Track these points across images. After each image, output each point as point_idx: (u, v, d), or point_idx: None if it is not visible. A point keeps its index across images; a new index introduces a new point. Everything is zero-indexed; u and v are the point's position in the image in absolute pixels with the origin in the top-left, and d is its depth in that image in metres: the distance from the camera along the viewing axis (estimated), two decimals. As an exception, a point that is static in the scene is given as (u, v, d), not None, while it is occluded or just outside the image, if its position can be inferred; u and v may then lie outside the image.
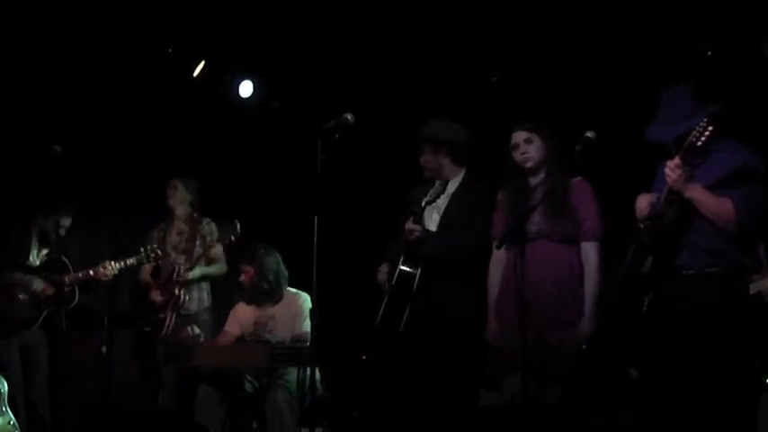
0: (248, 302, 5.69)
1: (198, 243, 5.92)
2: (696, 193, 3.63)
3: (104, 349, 5.39)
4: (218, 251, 6.00)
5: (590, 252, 4.30)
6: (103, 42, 6.06)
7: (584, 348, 4.20)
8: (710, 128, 3.50)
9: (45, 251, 5.73)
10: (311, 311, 4.35)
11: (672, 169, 3.61)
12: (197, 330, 5.66)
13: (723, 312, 3.61)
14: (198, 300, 5.98)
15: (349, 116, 4.30)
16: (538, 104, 5.36)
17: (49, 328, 5.62)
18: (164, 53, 6.33)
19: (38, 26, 5.84)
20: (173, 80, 6.45)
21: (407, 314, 4.64)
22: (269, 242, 5.76)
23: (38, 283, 5.57)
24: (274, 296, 5.62)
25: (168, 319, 5.74)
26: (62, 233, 5.71)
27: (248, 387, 5.39)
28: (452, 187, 4.83)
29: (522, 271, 3.90)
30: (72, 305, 5.62)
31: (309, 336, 4.64)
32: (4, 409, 5.00)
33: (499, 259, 4.49)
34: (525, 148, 4.42)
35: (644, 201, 3.82)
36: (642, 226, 3.77)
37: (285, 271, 5.67)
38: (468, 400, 4.58)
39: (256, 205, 6.40)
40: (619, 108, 5.19)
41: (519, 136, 4.44)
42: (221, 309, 6.01)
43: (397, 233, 4.77)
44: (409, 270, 4.66)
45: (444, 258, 4.62)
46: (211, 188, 6.34)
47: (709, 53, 5.25)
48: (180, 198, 6.07)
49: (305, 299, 5.47)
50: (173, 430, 4.97)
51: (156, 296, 5.85)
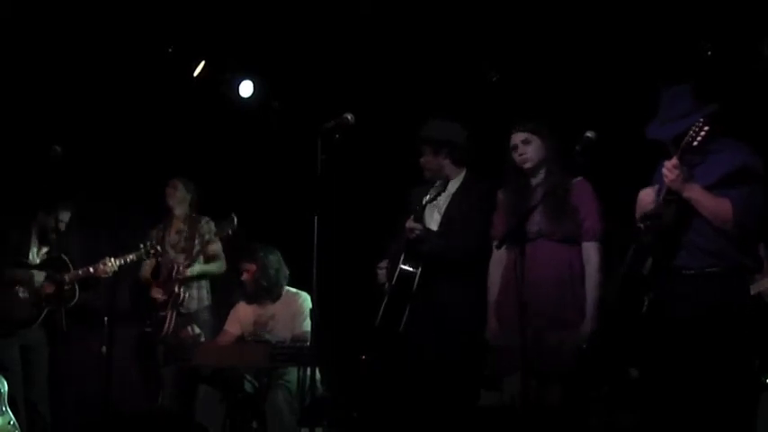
0: (249, 302, 5.69)
1: (197, 241, 5.94)
2: (694, 193, 3.63)
3: (104, 349, 5.39)
4: (216, 248, 6.02)
5: (591, 252, 4.30)
6: (103, 42, 6.06)
7: (584, 348, 4.20)
8: (706, 127, 3.50)
9: (45, 249, 5.74)
10: (311, 311, 4.36)
11: (669, 169, 3.61)
12: (197, 330, 5.67)
13: (723, 312, 3.61)
14: (198, 298, 6.00)
15: (349, 116, 4.30)
16: (538, 104, 5.36)
17: (50, 328, 5.63)
18: (164, 53, 6.33)
19: (38, 26, 5.84)
20: (173, 80, 6.45)
21: (407, 314, 4.65)
22: (269, 242, 5.76)
23: (38, 282, 5.58)
24: (273, 293, 5.62)
25: (169, 318, 5.76)
26: (62, 228, 5.71)
27: (248, 387, 5.39)
28: (453, 187, 4.83)
29: (523, 271, 3.90)
30: (72, 303, 5.63)
31: (309, 335, 4.64)
32: (4, 409, 5.00)
33: (499, 259, 4.49)
34: (523, 149, 4.42)
35: (647, 195, 3.82)
36: (642, 226, 3.77)
37: (286, 270, 5.68)
38: (468, 400, 4.59)
39: (257, 205, 6.40)
40: (619, 108, 5.18)
41: (517, 137, 4.45)
42: (221, 308, 6.01)
43: (398, 233, 4.78)
44: (409, 269, 4.67)
45: (445, 258, 4.62)
46: (212, 188, 6.35)
47: (709, 53, 5.25)
48: (179, 198, 6.09)
49: (305, 298, 5.47)
50: (173, 430, 4.97)
51: (157, 294, 5.87)
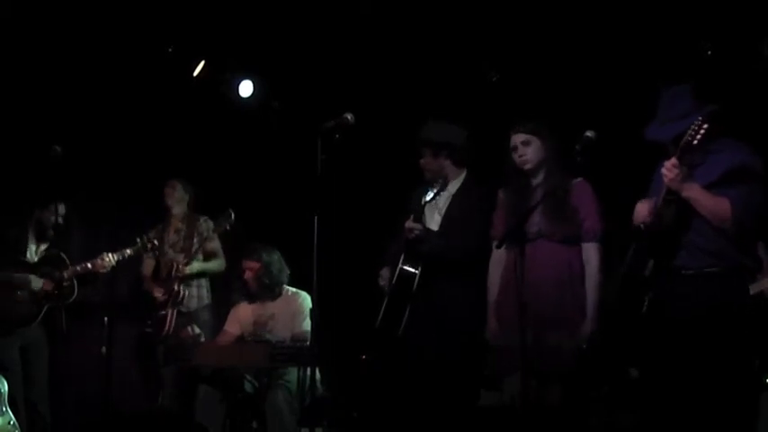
0: (249, 301, 5.69)
1: (195, 240, 5.95)
2: (693, 192, 3.62)
3: (104, 349, 5.39)
4: (215, 246, 6.04)
5: (591, 253, 4.30)
6: (103, 42, 6.06)
7: (584, 348, 4.20)
8: (705, 126, 3.49)
9: (43, 247, 5.75)
10: (311, 311, 4.36)
11: (669, 169, 3.61)
12: (197, 330, 5.67)
13: (723, 312, 3.61)
14: (198, 297, 6.02)
15: (349, 116, 4.30)
16: (538, 104, 5.36)
17: (49, 327, 5.64)
18: (164, 53, 6.33)
19: (38, 26, 5.84)
20: (173, 80, 6.44)
21: (408, 315, 4.65)
22: (269, 242, 5.76)
23: (36, 280, 5.58)
24: (274, 291, 5.62)
25: (169, 317, 5.76)
26: (60, 222, 5.72)
27: (248, 387, 5.39)
28: (453, 188, 4.83)
29: (522, 271, 3.90)
30: (71, 299, 5.64)
31: (309, 335, 4.64)
32: (5, 409, 5.00)
33: (499, 259, 4.49)
34: (523, 151, 4.42)
35: (644, 207, 3.82)
36: (642, 226, 3.77)
37: (287, 269, 5.68)
38: (468, 400, 4.59)
39: (257, 205, 6.40)
40: (619, 108, 5.18)
41: (517, 138, 4.44)
42: (221, 307, 6.02)
43: (398, 233, 4.78)
44: (410, 270, 4.67)
45: (444, 258, 4.62)
46: (212, 188, 6.35)
47: (709, 53, 5.25)
48: (177, 198, 6.12)
49: (304, 298, 5.47)
50: (173, 430, 4.97)
51: (157, 294, 5.88)
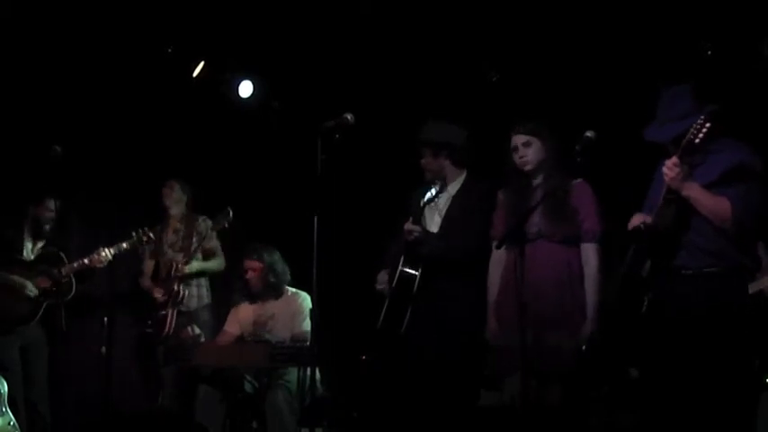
0: (250, 301, 5.69)
1: (194, 239, 5.95)
2: (693, 192, 3.63)
3: (104, 349, 5.39)
4: (214, 245, 6.04)
5: (590, 253, 4.30)
6: (103, 42, 6.06)
7: (583, 349, 4.20)
8: (708, 124, 3.50)
9: (40, 244, 5.75)
10: (311, 311, 4.36)
11: (669, 167, 3.61)
12: (197, 330, 5.67)
13: (723, 312, 3.61)
14: (198, 296, 6.02)
15: (349, 116, 4.30)
16: (538, 104, 5.36)
17: (49, 327, 5.64)
18: (164, 53, 6.33)
19: (38, 26, 5.84)
20: (172, 80, 6.44)
21: (409, 316, 4.65)
22: (269, 241, 5.76)
23: (31, 287, 5.57)
24: (278, 290, 5.62)
25: (169, 317, 5.76)
26: (54, 216, 5.72)
27: (248, 387, 5.39)
28: (453, 188, 4.83)
29: (522, 271, 3.90)
30: (70, 296, 5.65)
31: (309, 335, 4.64)
32: (4, 410, 5.00)
33: (499, 259, 4.49)
34: (524, 152, 4.42)
35: (637, 220, 3.82)
36: (642, 226, 3.77)
37: (287, 268, 5.68)
38: (468, 400, 4.59)
39: (257, 205, 6.40)
40: (619, 108, 5.18)
41: (518, 139, 4.44)
42: (221, 308, 6.01)
43: (397, 234, 4.78)
44: (410, 272, 4.67)
45: (444, 259, 4.62)
46: (211, 188, 6.35)
47: (709, 53, 5.25)
48: (175, 199, 6.12)
49: (304, 298, 5.47)
50: (173, 430, 4.97)
51: (157, 294, 5.87)
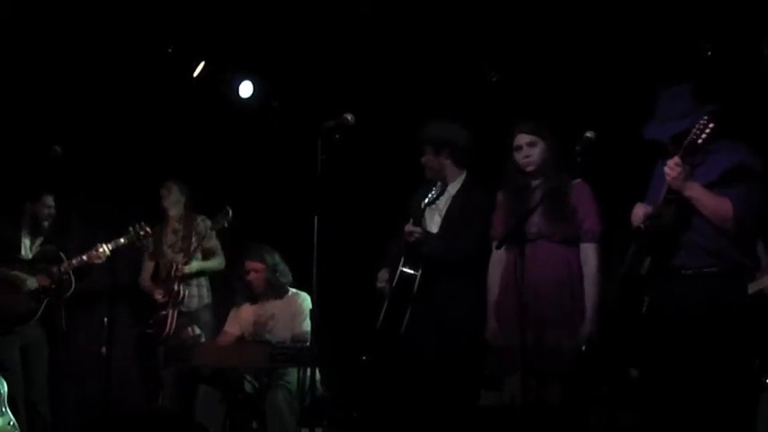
0: (251, 302, 5.68)
1: (193, 239, 5.96)
2: (695, 192, 3.63)
3: (104, 349, 5.39)
4: (214, 244, 6.05)
5: (589, 253, 4.30)
6: (103, 42, 6.06)
7: (583, 349, 4.20)
8: (711, 125, 3.50)
9: (38, 242, 5.76)
10: (311, 311, 4.36)
11: (671, 167, 3.61)
12: (197, 331, 5.66)
13: (722, 312, 3.61)
14: (198, 296, 6.03)
15: (349, 116, 4.30)
16: (538, 105, 5.35)
17: (49, 327, 5.64)
18: (164, 53, 6.33)
19: (38, 26, 5.84)
20: (173, 80, 6.44)
21: (408, 316, 4.65)
22: (269, 241, 5.75)
23: (31, 280, 5.58)
24: (281, 290, 5.61)
25: (170, 317, 5.76)
26: (52, 213, 5.72)
27: (248, 387, 5.39)
28: (453, 189, 4.83)
29: (522, 272, 3.90)
30: (69, 293, 5.65)
31: (309, 335, 4.64)
32: (4, 410, 5.00)
33: (498, 260, 4.49)
34: (529, 152, 4.41)
35: (641, 210, 3.82)
36: (642, 226, 3.77)
37: (288, 269, 5.68)
38: (468, 400, 4.58)
39: (257, 205, 6.40)
40: (619, 108, 5.18)
41: (523, 138, 4.43)
42: (221, 308, 6.01)
43: (398, 234, 4.78)
44: (410, 272, 4.67)
45: (445, 259, 4.62)
46: (211, 188, 6.35)
47: (709, 53, 5.25)
48: (173, 200, 6.13)
49: (304, 298, 5.47)
50: (173, 430, 4.97)
51: (158, 295, 5.87)
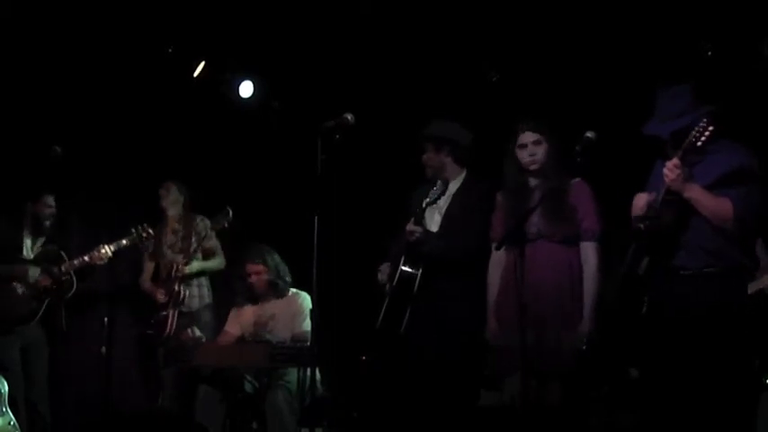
0: (252, 302, 5.68)
1: (193, 239, 5.96)
2: (695, 193, 3.63)
3: (104, 349, 5.39)
4: (214, 244, 6.04)
5: (589, 252, 4.30)
6: (103, 42, 6.06)
7: (583, 349, 4.20)
8: (711, 128, 3.50)
9: (39, 242, 5.76)
10: (311, 311, 4.36)
11: (670, 169, 3.61)
12: (198, 333, 5.64)
13: (722, 312, 3.61)
14: (199, 296, 6.02)
15: (349, 116, 4.30)
16: (538, 104, 5.36)
17: (49, 327, 5.64)
18: (164, 53, 6.33)
19: (38, 26, 5.84)
20: (173, 80, 6.44)
21: (408, 316, 4.65)
22: (269, 241, 5.76)
23: (33, 269, 5.58)
24: (283, 291, 5.61)
25: (170, 318, 5.76)
26: (53, 212, 5.72)
27: (248, 387, 5.39)
28: (453, 188, 4.83)
29: (522, 272, 3.90)
30: (70, 293, 5.66)
31: (309, 335, 4.64)
32: (5, 410, 5.00)
33: (498, 260, 4.49)
34: (534, 150, 4.40)
35: (641, 200, 3.82)
36: (642, 226, 3.77)
37: (287, 269, 5.68)
38: (468, 400, 4.58)
39: (257, 205, 6.40)
40: (619, 108, 5.18)
41: (528, 137, 4.42)
42: (222, 308, 6.01)
43: (398, 234, 4.78)
44: (410, 271, 4.67)
45: (445, 259, 4.62)
46: (212, 188, 6.35)
47: (709, 53, 5.25)
48: (172, 200, 6.13)
49: (304, 298, 5.47)
50: (173, 430, 4.97)
51: (159, 296, 5.87)
